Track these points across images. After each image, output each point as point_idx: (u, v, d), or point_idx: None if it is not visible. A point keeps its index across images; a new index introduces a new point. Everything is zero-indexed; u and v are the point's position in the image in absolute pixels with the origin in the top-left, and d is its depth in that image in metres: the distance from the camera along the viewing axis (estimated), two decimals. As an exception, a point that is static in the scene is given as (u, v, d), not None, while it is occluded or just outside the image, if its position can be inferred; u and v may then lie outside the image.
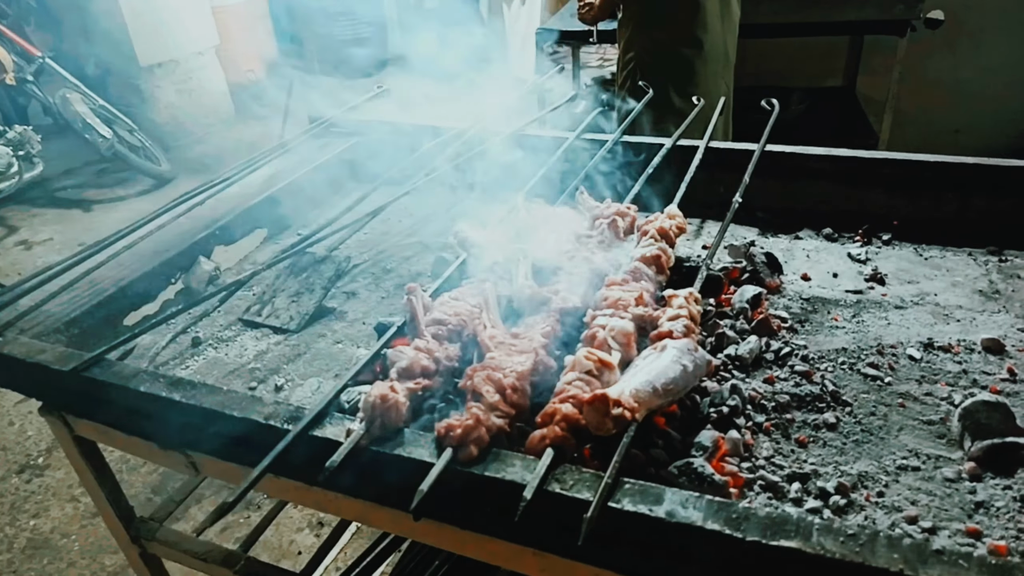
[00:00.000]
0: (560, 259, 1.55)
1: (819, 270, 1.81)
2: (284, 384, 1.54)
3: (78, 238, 5.50)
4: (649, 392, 1.15)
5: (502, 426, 1.13)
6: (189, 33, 6.58)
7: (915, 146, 4.62)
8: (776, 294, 1.71)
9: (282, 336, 1.72)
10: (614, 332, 1.27)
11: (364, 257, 2.03)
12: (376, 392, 1.16)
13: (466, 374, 1.22)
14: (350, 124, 2.54)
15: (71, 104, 5.66)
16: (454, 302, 1.42)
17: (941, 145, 4.76)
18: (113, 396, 1.35)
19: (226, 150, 6.73)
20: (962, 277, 1.75)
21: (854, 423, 1.33)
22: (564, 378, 1.19)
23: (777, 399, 1.36)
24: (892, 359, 1.48)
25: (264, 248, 2.12)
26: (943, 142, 4.79)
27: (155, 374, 1.35)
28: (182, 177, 6.24)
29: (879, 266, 1.81)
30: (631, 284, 1.43)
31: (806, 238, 1.98)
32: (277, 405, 1.24)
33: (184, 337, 1.74)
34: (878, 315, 1.62)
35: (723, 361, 1.45)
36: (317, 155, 2.41)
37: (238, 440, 1.25)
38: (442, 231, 2.15)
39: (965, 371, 1.44)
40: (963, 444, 1.27)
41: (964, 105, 4.69)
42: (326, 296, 1.80)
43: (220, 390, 1.29)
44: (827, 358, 1.48)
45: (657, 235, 1.60)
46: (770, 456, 1.25)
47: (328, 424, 1.20)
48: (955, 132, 4.84)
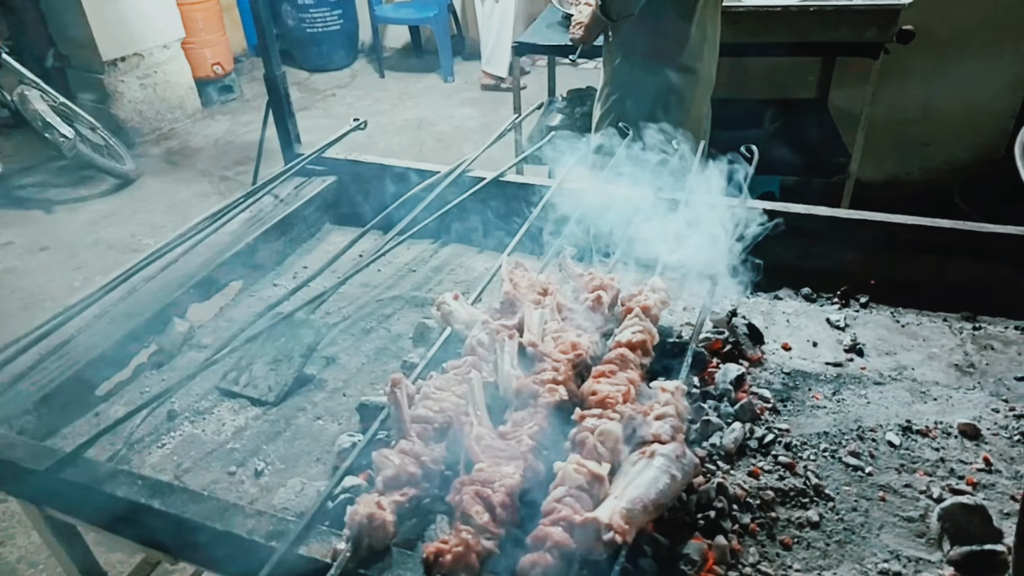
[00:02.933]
0: (546, 343, 1.53)
1: (799, 337, 1.83)
2: (264, 469, 1.52)
3: (39, 241, 5.34)
4: (639, 511, 1.14)
5: (492, 548, 1.13)
6: (153, 25, 6.37)
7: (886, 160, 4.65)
8: (758, 367, 1.72)
9: (260, 409, 1.69)
10: (603, 437, 1.26)
11: (343, 313, 2.00)
12: (363, 511, 1.14)
13: (454, 487, 1.20)
14: (327, 162, 2.48)
15: (29, 102, 5.46)
16: (439, 393, 1.40)
17: (911, 158, 4.85)
18: (90, 499, 1.31)
19: (193, 146, 6.58)
20: (938, 348, 1.78)
21: (836, 520, 1.35)
22: (554, 494, 1.18)
23: (762, 495, 1.37)
24: (872, 445, 1.50)
25: (240, 302, 2.08)
26: (914, 155, 4.86)
27: (132, 475, 1.31)
28: (148, 176, 6.09)
29: (857, 334, 1.83)
30: (618, 376, 1.43)
31: (786, 298, 1.99)
32: (259, 517, 1.22)
33: (159, 409, 1.69)
34: (858, 392, 1.64)
35: (708, 451, 1.45)
36: (293, 197, 2.37)
37: (220, 551, 1.23)
38: (422, 283, 2.13)
39: (943, 459, 1.47)
40: (942, 545, 1.30)
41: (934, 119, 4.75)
42: (305, 364, 1.77)
43: (201, 497, 1.26)
44: (809, 444, 1.50)
45: (642, 314, 1.59)
46: (756, 563, 1.26)
47: (314, 541, 1.18)
48: (925, 145, 4.90)
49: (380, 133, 6.50)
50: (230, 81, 7.28)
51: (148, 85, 6.52)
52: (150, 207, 5.65)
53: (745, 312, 1.89)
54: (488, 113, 6.90)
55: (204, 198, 5.74)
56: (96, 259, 5.02)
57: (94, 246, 5.20)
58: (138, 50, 6.36)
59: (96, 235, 5.33)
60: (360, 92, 7.69)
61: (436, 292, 2.07)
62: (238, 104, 7.39)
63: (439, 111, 7.05)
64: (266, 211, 2.27)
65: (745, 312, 1.89)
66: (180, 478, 1.50)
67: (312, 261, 2.26)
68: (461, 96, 7.37)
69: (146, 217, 5.52)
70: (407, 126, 6.79)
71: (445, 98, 7.36)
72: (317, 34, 7.77)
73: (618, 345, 1.51)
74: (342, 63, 8.11)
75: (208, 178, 6.05)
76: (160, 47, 6.51)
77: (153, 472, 1.52)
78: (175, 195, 5.81)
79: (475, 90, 7.43)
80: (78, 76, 6.41)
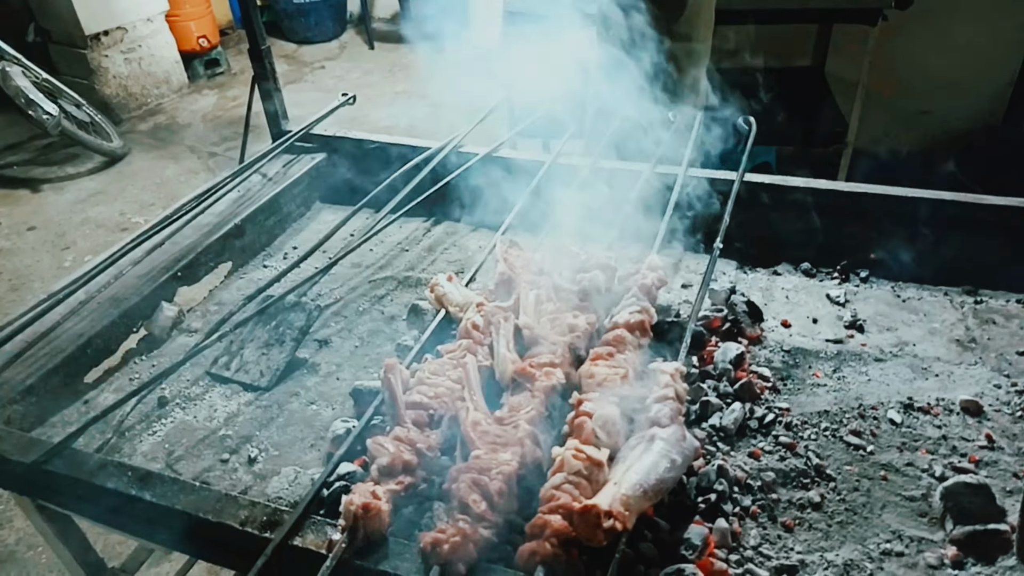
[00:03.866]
0: (543, 324, 1.50)
1: (799, 314, 1.80)
2: (258, 456, 1.49)
3: (27, 221, 5.27)
4: (639, 496, 1.13)
5: (490, 537, 1.11)
6: (136, -3, 6.24)
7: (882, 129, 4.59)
8: (757, 345, 1.69)
9: (253, 394, 1.66)
10: (602, 422, 1.24)
11: (335, 295, 1.97)
12: (358, 501, 1.12)
13: (450, 475, 1.18)
14: (316, 138, 2.43)
15: (11, 78, 5.34)
16: (434, 378, 1.38)
17: (909, 126, 4.80)
18: (79, 491, 1.28)
19: (180, 122, 6.47)
20: (939, 323, 1.76)
21: (838, 500, 1.33)
22: (552, 480, 1.16)
23: (763, 477, 1.35)
24: (873, 423, 1.48)
25: (229, 284, 2.04)
26: (911, 123, 4.80)
27: (122, 466, 1.29)
28: (136, 153, 5.99)
29: (858, 310, 1.80)
30: (616, 357, 1.40)
31: (785, 274, 1.97)
32: (253, 507, 1.19)
33: (150, 396, 1.66)
34: (858, 369, 1.62)
35: (708, 433, 1.43)
36: (281, 175, 2.32)
37: (214, 542, 1.21)
38: (415, 263, 2.09)
39: (945, 437, 1.45)
40: (944, 524, 1.29)
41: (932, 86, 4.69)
42: (297, 348, 1.74)
43: (192, 488, 1.24)
44: (810, 423, 1.48)
45: (639, 293, 1.56)
46: (757, 545, 1.24)
47: (309, 531, 1.16)
48: (922, 113, 4.85)
49: (370, 107, 6.39)
50: (217, 55, 7.14)
51: (133, 60, 6.39)
52: (138, 185, 5.57)
53: (744, 288, 1.86)
54: (481, 84, 6.79)
55: (193, 175, 5.66)
56: (85, 239, 4.95)
57: (82, 225, 5.13)
58: (121, 23, 6.23)
59: (84, 214, 5.25)
60: (349, 64, 7.56)
61: (430, 272, 2.04)
62: (225, 78, 7.26)
63: (430, 83, 6.94)
64: (254, 190, 2.23)
65: (744, 288, 1.86)
66: (172, 466, 1.48)
67: (302, 241, 2.22)
68: (453, 67, 7.24)
69: (134, 195, 5.44)
70: (398, 99, 6.69)
71: (437, 69, 7.24)
72: (304, 5, 7.61)
73: (616, 326, 1.48)
74: (330, 35, 7.95)
75: (197, 154, 5.96)
76: (144, 20, 6.37)
77: (144, 460, 1.49)
78: (163, 172, 5.72)
79: (467, 60, 7.30)
80: (60, 51, 6.28)
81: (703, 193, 1.96)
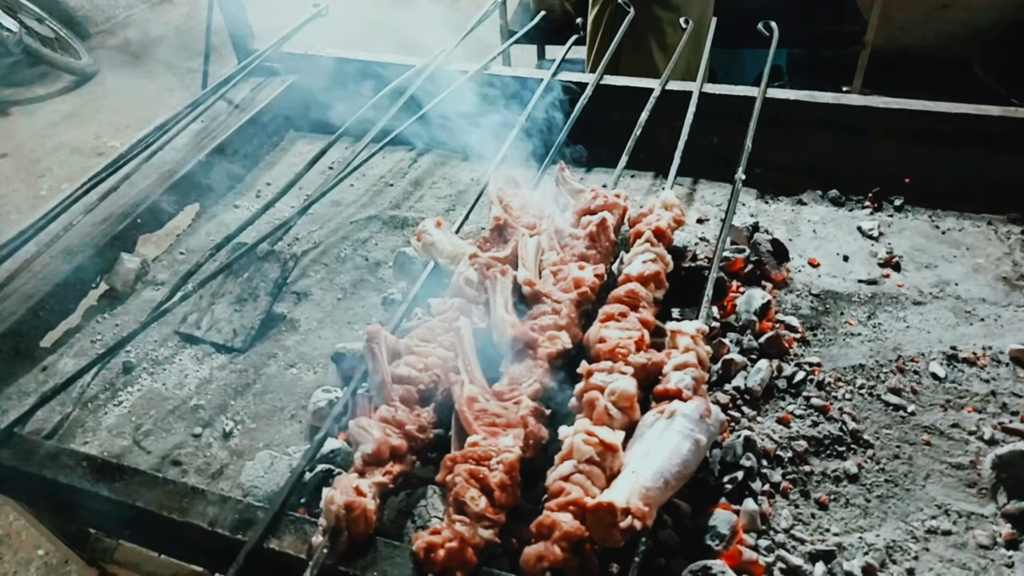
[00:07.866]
0: (545, 279, 1.33)
1: (828, 251, 1.63)
2: (234, 429, 1.35)
3: (-2, 147, 5.00)
4: (660, 488, 0.99)
5: (491, 538, 0.97)
6: None
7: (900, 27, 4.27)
8: (783, 289, 1.53)
9: (227, 356, 1.51)
10: (615, 396, 1.09)
11: (314, 239, 1.78)
12: (340, 500, 0.98)
13: (444, 465, 1.04)
14: (287, 59, 2.18)
15: (-36, -8, 4.97)
16: (424, 346, 1.21)
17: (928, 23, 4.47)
18: (30, 483, 1.15)
19: (153, 36, 6.09)
20: (983, 258, 1.59)
21: (877, 471, 1.20)
22: (560, 469, 1.02)
23: (794, 447, 1.21)
24: (914, 378, 1.33)
25: (197, 230, 1.85)
26: (931, 19, 4.48)
27: (76, 455, 1.14)
28: (107, 71, 5.65)
29: (893, 244, 1.63)
30: (629, 318, 1.24)
31: (811, 203, 1.78)
32: (223, 504, 1.06)
33: (114, 360, 1.50)
34: (895, 315, 1.46)
35: (731, 396, 1.29)
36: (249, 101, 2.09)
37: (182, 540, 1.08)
38: (401, 200, 1.90)
39: (993, 392, 1.30)
40: (996, 496, 1.16)
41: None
42: (273, 303, 1.57)
43: (155, 480, 1.10)
44: (844, 380, 1.33)
45: (654, 238, 1.38)
46: (789, 527, 1.12)
47: (286, 532, 1.02)
48: (943, 7, 4.52)
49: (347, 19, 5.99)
50: (187, -41, 6.66)
51: (97, -33, 5.95)
52: (113, 105, 5.26)
53: (766, 222, 1.68)
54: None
55: (169, 92, 5.34)
56: (60, 165, 4.71)
57: (56, 150, 4.87)
58: (81, -73, 5.76)
59: (58, 138, 4.98)
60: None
61: (417, 210, 1.85)
62: (198, -14, 6.80)
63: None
64: (220, 120, 2.00)
65: (766, 222, 1.68)
66: (140, 443, 1.34)
67: (276, 177, 2.01)
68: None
69: (109, 116, 5.15)
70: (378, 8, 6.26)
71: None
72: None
73: (628, 279, 1.31)
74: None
75: (172, 71, 5.61)
76: (105, -78, 5.89)
77: (110, 437, 1.36)
78: (138, 91, 5.39)
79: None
80: (17, -41, 5.82)
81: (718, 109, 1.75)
